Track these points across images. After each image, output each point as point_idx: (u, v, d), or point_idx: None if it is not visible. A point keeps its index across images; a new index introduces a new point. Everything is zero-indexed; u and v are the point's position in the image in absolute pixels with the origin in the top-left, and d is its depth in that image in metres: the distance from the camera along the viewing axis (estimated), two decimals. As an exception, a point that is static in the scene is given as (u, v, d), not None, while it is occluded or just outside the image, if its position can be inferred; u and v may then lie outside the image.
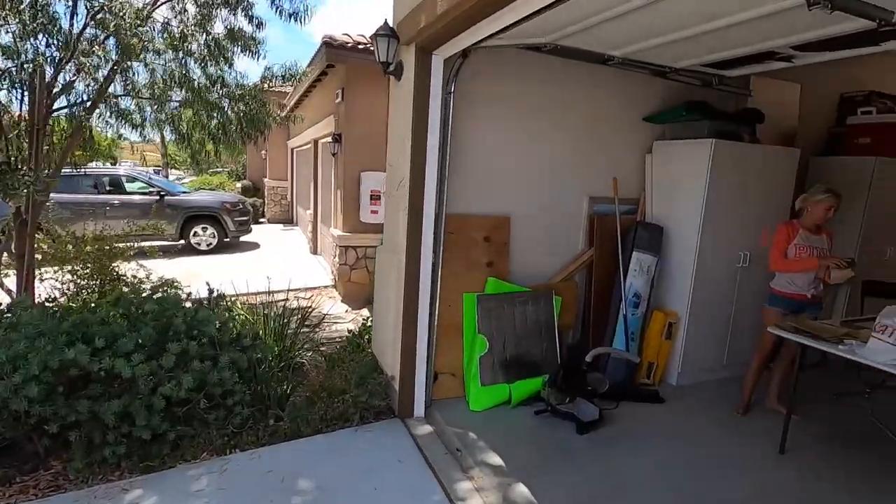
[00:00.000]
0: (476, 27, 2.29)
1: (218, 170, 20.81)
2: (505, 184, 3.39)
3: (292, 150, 12.37)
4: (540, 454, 2.70)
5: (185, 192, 9.45)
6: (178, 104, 4.80)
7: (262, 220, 13.72)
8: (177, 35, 4.30)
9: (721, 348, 3.73)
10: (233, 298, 4.50)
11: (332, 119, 6.58)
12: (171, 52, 4.45)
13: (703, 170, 3.35)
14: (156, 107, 4.54)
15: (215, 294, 3.59)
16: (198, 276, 6.42)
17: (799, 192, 4.57)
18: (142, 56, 4.02)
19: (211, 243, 8.87)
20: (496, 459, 2.60)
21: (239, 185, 15.29)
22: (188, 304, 3.45)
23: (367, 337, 3.89)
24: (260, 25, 4.25)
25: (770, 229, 3.26)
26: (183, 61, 4.48)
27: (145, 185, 8.78)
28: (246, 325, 3.70)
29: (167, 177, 15.82)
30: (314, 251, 9.01)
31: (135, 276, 4.14)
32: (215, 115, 4.82)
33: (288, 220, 13.58)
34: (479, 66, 3.06)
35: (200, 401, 2.66)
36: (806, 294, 3.02)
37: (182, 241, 8.62)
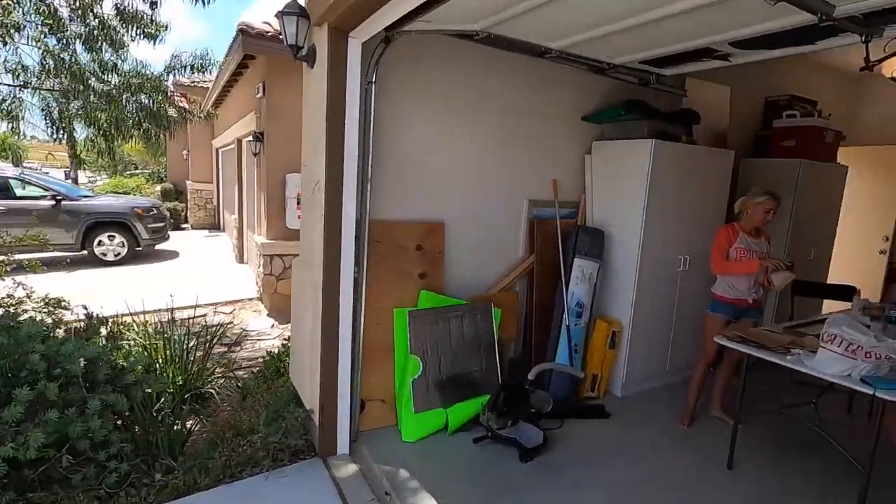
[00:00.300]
0: (392, 2, 1.95)
1: (136, 172, 19.16)
2: (438, 186, 3.08)
3: (217, 149, 11.46)
4: (479, 490, 2.39)
5: (87, 197, 8.42)
6: (57, 93, 4.12)
7: (184, 226, 12.65)
8: (52, 13, 3.66)
9: (664, 354, 3.62)
10: (125, 320, 3.88)
11: (254, 116, 6.01)
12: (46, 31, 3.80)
13: (643, 171, 3.21)
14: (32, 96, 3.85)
15: (96, 317, 3.02)
16: (97, 292, 5.65)
17: (733, 195, 4.65)
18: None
19: (119, 253, 7.94)
20: (430, 503, 2.27)
21: (158, 188, 14.05)
22: (61, 332, 2.87)
23: (288, 360, 3.44)
24: (154, 4, 3.69)
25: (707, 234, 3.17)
26: (66, 44, 3.83)
27: (39, 188, 7.72)
28: (138, 354, 3.14)
29: (76, 179, 14.24)
30: (240, 260, 8.31)
31: (10, 297, 3.43)
32: (108, 107, 4.18)
33: (214, 225, 12.60)
34: (404, 54, 2.73)
35: (62, 458, 2.13)
36: (747, 299, 2.94)
37: (84, 252, 7.65)
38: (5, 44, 3.29)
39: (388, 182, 2.86)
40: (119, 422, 2.47)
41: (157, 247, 8.80)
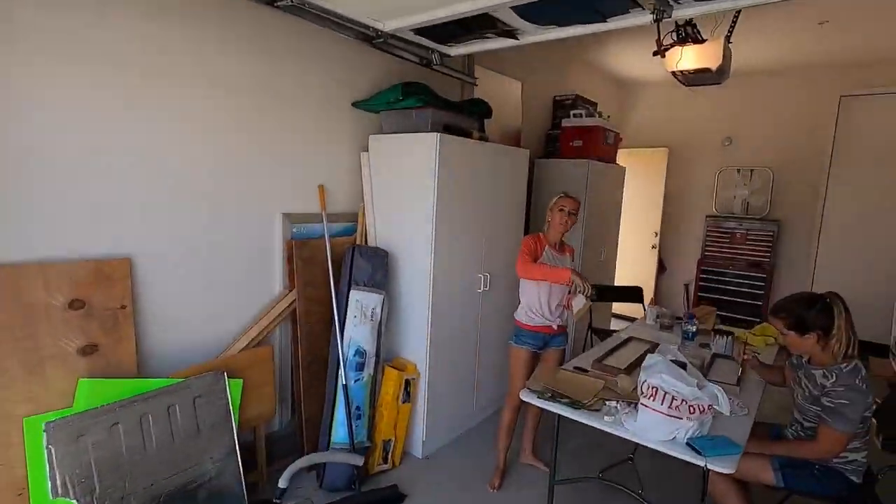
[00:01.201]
0: None
1: None
2: (121, 199, 1.90)
3: None
4: None
5: None
6: None
7: None
8: None
9: (469, 393, 3.03)
10: None
11: None
12: None
13: (428, 171, 2.52)
14: None
15: None
16: None
17: (530, 199, 4.39)
18: None
19: None
20: None
21: None
22: None
23: None
24: None
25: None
26: None
27: None
28: None
29: None
30: None
31: None
32: None
33: None
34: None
35: None
36: (552, 325, 2.47)
37: None
38: None
39: (18, 194, 1.59)
40: None
41: None
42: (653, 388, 1.62)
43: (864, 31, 3.80)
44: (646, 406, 1.62)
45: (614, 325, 4.97)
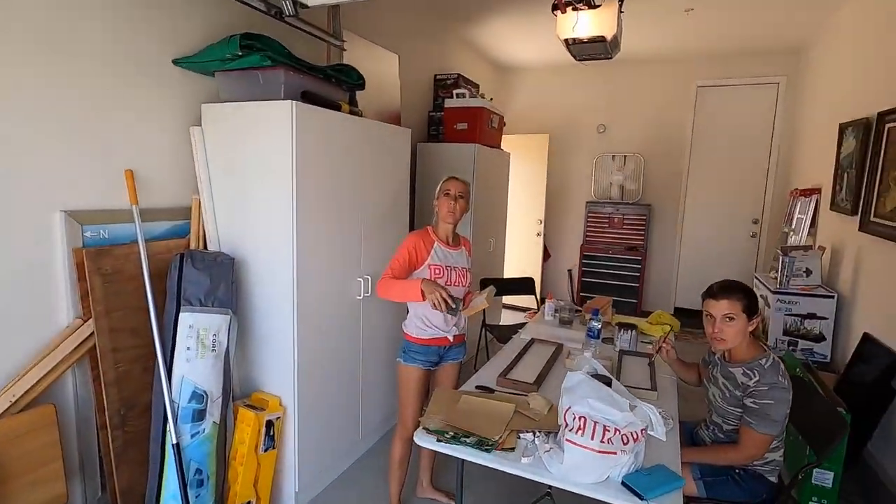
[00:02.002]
0: None
1: None
2: None
3: None
4: None
5: None
6: None
7: None
8: None
9: (352, 421, 2.53)
10: None
11: None
12: None
13: (285, 151, 1.95)
14: None
15: None
16: None
17: (414, 188, 3.97)
18: None
19: None
20: None
21: None
22: None
23: None
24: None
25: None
26: None
27: None
28: None
29: None
30: None
31: None
32: None
33: None
34: None
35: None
36: (447, 336, 2.07)
37: None
38: None
39: None
40: None
41: None
42: (580, 418, 1.29)
43: (721, 22, 3.99)
44: (573, 443, 1.29)
45: (506, 317, 4.81)
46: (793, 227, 4.02)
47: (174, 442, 1.74)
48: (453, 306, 1.81)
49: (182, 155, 2.09)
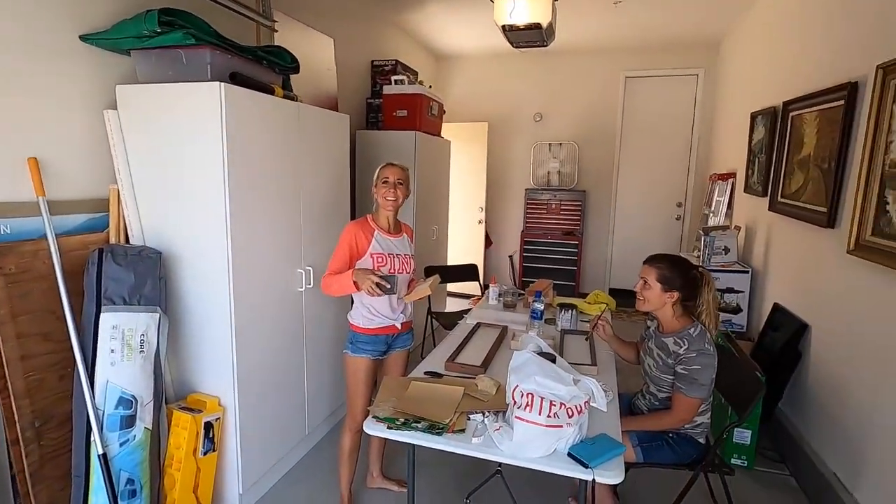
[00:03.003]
0: None
1: None
2: None
3: None
4: None
5: None
6: None
7: None
8: None
9: (298, 416, 2.46)
10: None
11: None
12: None
13: (213, 136, 1.83)
14: None
15: None
16: None
17: (354, 177, 3.88)
18: None
19: None
20: None
21: None
22: None
23: None
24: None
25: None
26: None
27: None
28: None
29: None
30: None
31: None
32: None
33: None
34: None
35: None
36: (395, 324, 2.06)
37: None
38: None
39: None
40: None
41: None
42: (527, 394, 1.32)
43: (646, 16, 4.18)
44: (521, 419, 1.32)
45: (451, 304, 4.85)
46: (712, 209, 4.34)
47: (100, 452, 1.61)
48: (387, 286, 1.81)
49: (97, 141, 1.91)
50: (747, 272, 3.39)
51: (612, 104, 5.33)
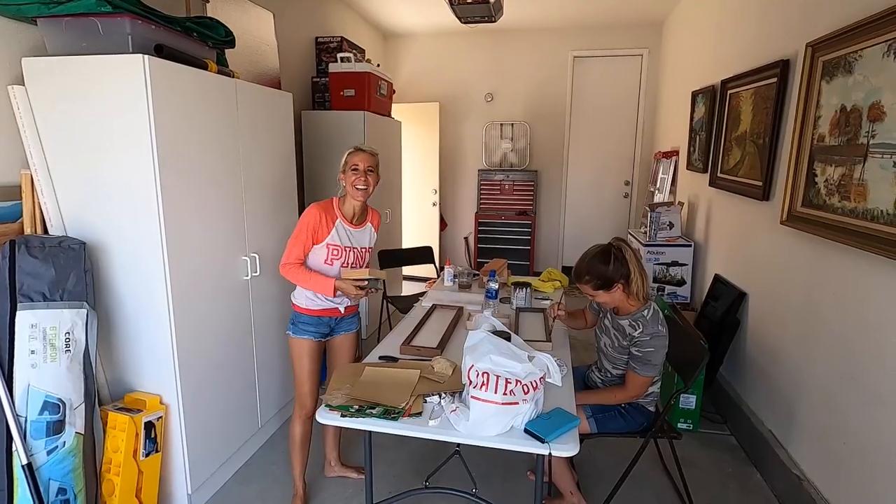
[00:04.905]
0: None
1: None
2: None
3: None
4: None
5: None
6: None
7: None
8: None
9: (249, 408, 2.36)
10: None
11: None
12: None
13: (139, 113, 1.68)
14: None
15: None
16: None
17: (301, 160, 3.72)
18: None
19: None
20: None
21: None
22: None
23: None
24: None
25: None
26: None
27: None
28: None
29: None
30: None
31: None
32: None
33: None
34: None
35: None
36: (339, 307, 1.99)
37: None
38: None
39: None
40: None
41: None
42: (483, 373, 1.31)
43: (592, -6, 4.21)
44: (477, 399, 1.31)
45: (407, 288, 4.81)
46: (657, 186, 4.49)
47: (24, 462, 1.47)
48: (369, 287, 1.86)
49: (3, 121, 1.71)
50: (690, 246, 3.53)
51: (560, 84, 5.37)
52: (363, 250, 2.00)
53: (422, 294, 2.86)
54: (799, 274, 2.15)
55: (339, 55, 3.70)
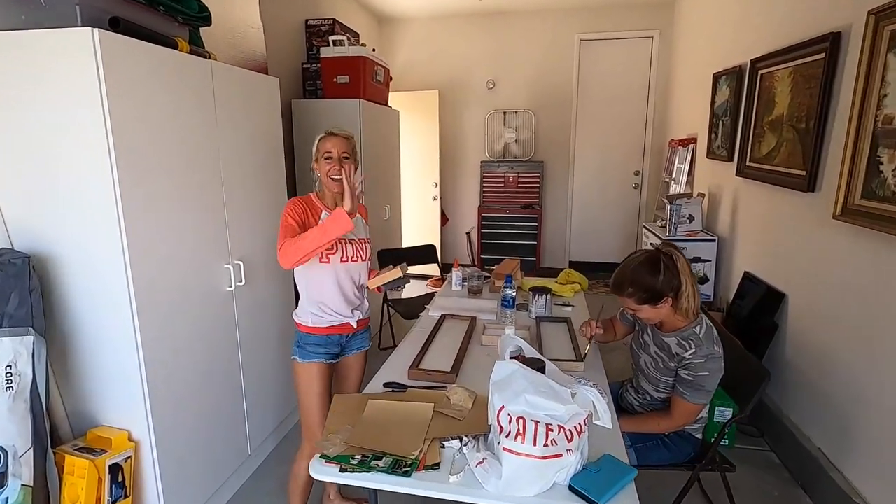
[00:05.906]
0: None
1: None
2: None
3: None
4: None
5: None
6: None
7: None
8: None
9: (237, 434, 2.10)
10: None
11: None
12: None
13: (91, 99, 1.40)
14: None
15: None
16: None
17: (291, 151, 3.43)
18: None
19: None
20: None
21: None
22: None
23: None
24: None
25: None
26: None
27: None
28: None
29: None
30: None
31: None
32: None
33: None
34: None
35: None
36: (350, 322, 1.73)
37: None
38: None
39: None
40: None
41: None
42: (517, 419, 1.05)
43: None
44: (511, 451, 1.05)
45: (408, 290, 4.53)
46: (673, 176, 4.22)
47: (-45, 528, 1.21)
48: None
49: (-75, 111, 1.42)
50: (714, 240, 3.28)
51: (566, 69, 5.07)
52: (361, 241, 1.74)
53: (425, 296, 2.60)
54: (857, 275, 1.89)
55: (332, 38, 3.40)
